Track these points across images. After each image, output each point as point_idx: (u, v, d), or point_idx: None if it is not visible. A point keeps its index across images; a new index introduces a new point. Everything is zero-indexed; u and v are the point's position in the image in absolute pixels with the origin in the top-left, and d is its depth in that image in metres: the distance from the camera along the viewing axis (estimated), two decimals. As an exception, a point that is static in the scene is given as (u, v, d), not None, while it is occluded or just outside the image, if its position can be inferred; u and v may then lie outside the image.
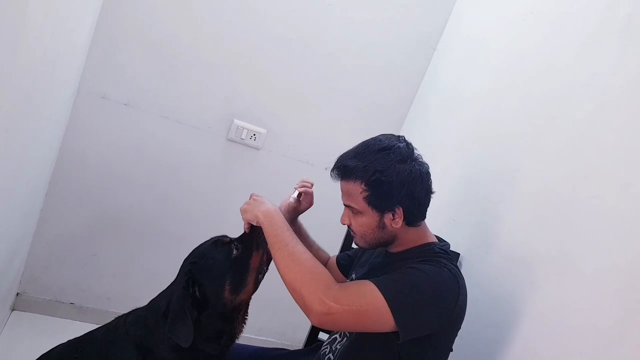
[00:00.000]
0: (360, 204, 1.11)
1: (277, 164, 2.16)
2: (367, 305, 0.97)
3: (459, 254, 1.49)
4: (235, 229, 2.14)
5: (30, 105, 1.20)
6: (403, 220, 1.11)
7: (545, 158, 1.30)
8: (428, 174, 1.15)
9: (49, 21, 1.09)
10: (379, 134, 1.21)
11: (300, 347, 1.65)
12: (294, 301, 1.34)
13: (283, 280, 1.02)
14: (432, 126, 2.05)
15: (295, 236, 1.08)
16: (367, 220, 1.12)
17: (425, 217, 1.18)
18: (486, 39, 1.85)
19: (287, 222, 1.11)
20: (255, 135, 2.09)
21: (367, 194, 1.09)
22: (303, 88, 2.12)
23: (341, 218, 1.20)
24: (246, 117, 2.07)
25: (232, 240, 1.16)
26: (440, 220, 1.29)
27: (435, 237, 1.22)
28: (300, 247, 1.05)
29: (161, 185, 2.04)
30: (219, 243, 1.15)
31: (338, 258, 1.49)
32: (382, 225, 1.11)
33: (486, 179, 1.55)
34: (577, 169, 1.18)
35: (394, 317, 0.96)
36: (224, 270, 1.09)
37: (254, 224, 1.13)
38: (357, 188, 1.10)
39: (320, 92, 2.14)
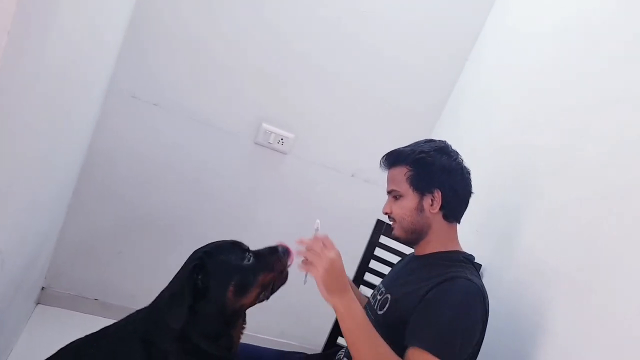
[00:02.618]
0: (403, 185, 1.19)
1: (304, 169, 2.14)
2: None
3: (481, 265, 1.45)
4: (259, 231, 2.14)
5: (60, 104, 1.21)
6: (440, 209, 1.18)
7: (575, 173, 1.27)
8: (469, 174, 1.23)
9: (79, 20, 1.10)
10: (407, 141, 1.28)
11: (319, 351, 1.63)
12: (316, 306, 1.34)
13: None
14: (462, 135, 2.00)
15: (369, 322, 1.04)
16: (408, 203, 1.19)
17: (460, 219, 1.23)
18: (519, 48, 1.82)
19: (360, 306, 1.05)
20: (282, 139, 2.07)
21: (410, 173, 1.18)
22: (332, 94, 2.09)
23: (383, 207, 1.26)
24: (274, 121, 2.06)
25: (249, 249, 1.16)
26: (465, 231, 1.28)
27: (461, 248, 1.24)
28: (364, 335, 1.01)
29: (187, 187, 2.05)
30: (237, 245, 1.15)
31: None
32: (420, 208, 1.18)
33: (514, 191, 1.51)
34: (607, 186, 1.14)
35: None
36: (233, 271, 1.09)
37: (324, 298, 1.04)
38: (403, 170, 1.20)
39: (350, 98, 2.11)
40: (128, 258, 2.06)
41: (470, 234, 1.32)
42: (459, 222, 1.25)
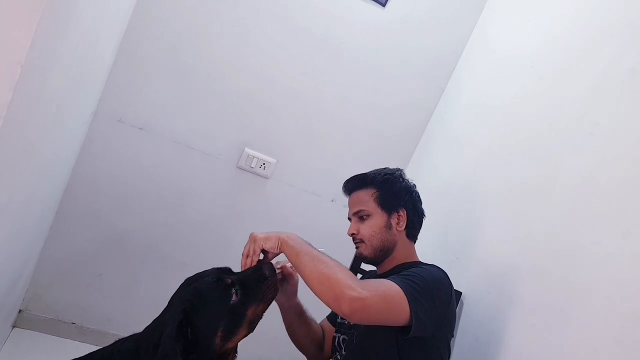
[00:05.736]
0: (370, 205, 1.26)
1: (285, 194, 2.19)
2: (389, 290, 1.02)
3: (461, 293, 1.49)
4: (240, 255, 2.15)
5: (52, 130, 1.24)
6: (405, 227, 1.26)
7: (548, 203, 1.32)
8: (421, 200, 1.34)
9: (79, 51, 1.15)
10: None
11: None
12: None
13: (310, 281, 1.02)
14: (439, 164, 2.07)
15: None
16: (376, 221, 1.25)
17: (417, 237, 1.33)
18: (492, 85, 1.90)
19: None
20: (265, 164, 2.12)
21: (378, 194, 1.26)
22: (314, 121, 2.16)
23: (348, 230, 1.31)
24: (257, 146, 2.11)
25: (233, 282, 1.08)
26: (443, 260, 1.31)
27: None
28: (323, 256, 1.07)
29: (170, 210, 2.07)
30: (221, 283, 1.07)
31: (327, 317, 1.50)
32: (389, 226, 1.26)
33: (490, 220, 1.56)
34: (579, 215, 1.19)
35: (409, 303, 1.00)
36: (220, 315, 1.03)
37: (275, 250, 1.13)
38: (369, 192, 1.28)
39: (331, 125, 2.19)
40: (108, 281, 2.05)
41: (450, 262, 1.36)
42: (415, 241, 1.34)
